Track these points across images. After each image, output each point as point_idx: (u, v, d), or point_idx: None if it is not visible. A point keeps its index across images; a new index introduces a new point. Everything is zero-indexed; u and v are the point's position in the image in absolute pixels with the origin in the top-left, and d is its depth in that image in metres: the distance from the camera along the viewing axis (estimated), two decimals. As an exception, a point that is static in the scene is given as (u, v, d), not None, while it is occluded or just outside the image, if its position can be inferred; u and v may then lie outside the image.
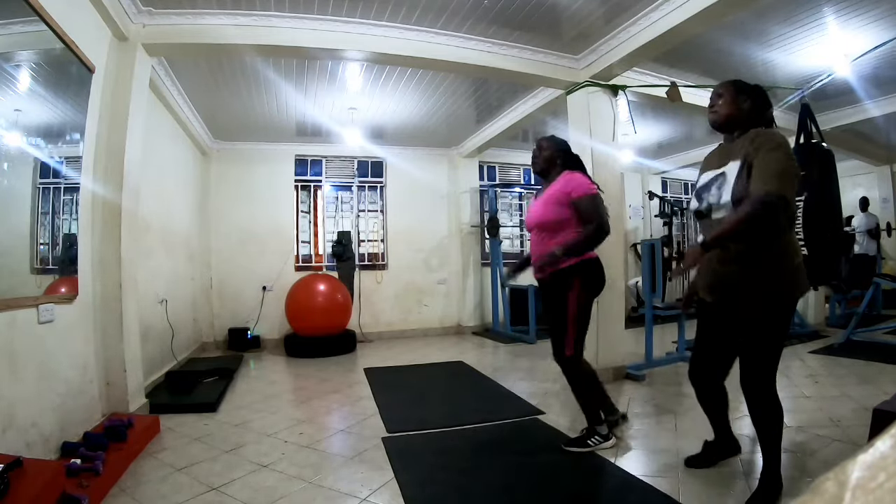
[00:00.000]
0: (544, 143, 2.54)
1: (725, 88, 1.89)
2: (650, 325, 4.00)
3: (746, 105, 1.85)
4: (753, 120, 1.85)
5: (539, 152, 2.53)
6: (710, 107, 1.92)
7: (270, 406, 3.23)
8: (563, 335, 2.32)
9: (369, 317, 6.13)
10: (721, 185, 1.78)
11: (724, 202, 1.75)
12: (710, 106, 1.93)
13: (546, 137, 2.60)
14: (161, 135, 4.07)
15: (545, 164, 2.51)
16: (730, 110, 1.86)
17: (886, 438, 0.27)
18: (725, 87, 1.90)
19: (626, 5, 3.01)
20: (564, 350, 2.32)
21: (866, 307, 4.81)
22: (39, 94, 2.20)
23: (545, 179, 2.53)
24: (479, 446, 2.48)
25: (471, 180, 6.65)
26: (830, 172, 3.39)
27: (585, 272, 2.30)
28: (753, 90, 1.88)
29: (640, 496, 1.92)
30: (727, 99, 1.87)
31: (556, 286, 2.33)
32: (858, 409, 2.71)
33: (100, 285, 2.68)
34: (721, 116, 1.88)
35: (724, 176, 1.78)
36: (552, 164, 2.50)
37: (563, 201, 2.31)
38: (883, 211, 7.02)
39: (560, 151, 2.50)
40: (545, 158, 2.50)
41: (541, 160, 2.52)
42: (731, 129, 1.89)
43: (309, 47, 3.18)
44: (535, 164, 2.58)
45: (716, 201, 1.79)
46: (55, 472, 1.67)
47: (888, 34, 3.27)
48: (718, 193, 1.78)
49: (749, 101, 1.86)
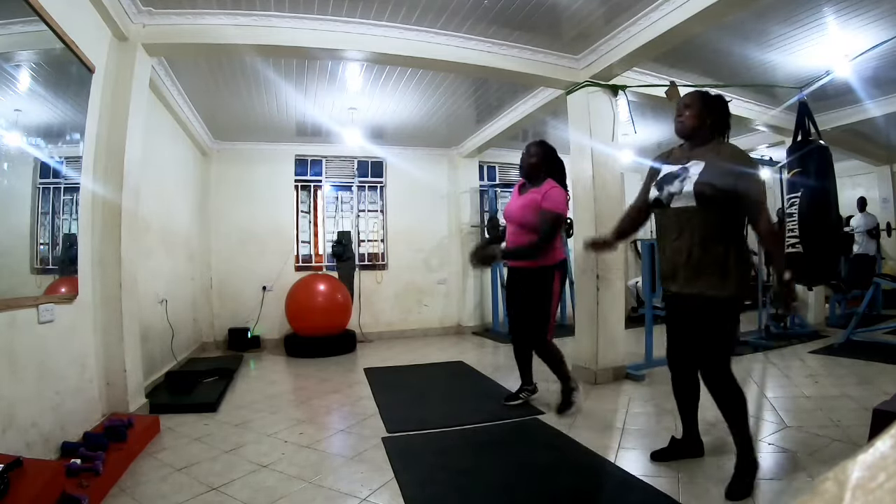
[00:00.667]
0: (533, 149, 2.86)
1: (693, 100, 2.05)
2: (650, 325, 4.00)
3: (711, 119, 2.02)
4: (715, 132, 2.04)
5: (527, 158, 2.85)
6: (678, 116, 2.08)
7: (270, 406, 3.23)
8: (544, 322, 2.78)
9: (369, 317, 6.13)
10: (683, 178, 1.96)
11: (686, 192, 1.92)
12: (677, 115, 2.08)
13: (536, 143, 2.89)
14: (161, 135, 4.07)
15: (531, 171, 2.84)
16: (695, 123, 2.02)
17: (886, 438, 0.27)
18: (694, 99, 2.06)
19: (626, 5, 3.00)
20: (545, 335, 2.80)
21: (866, 307, 4.81)
22: (39, 94, 2.20)
23: (530, 182, 2.87)
24: (479, 446, 2.48)
25: (471, 180, 6.65)
26: (827, 169, 3.39)
27: (562, 269, 2.82)
28: (718, 105, 2.05)
29: (640, 496, 1.92)
30: (694, 112, 2.02)
31: (536, 279, 2.76)
32: (858, 409, 2.71)
33: (100, 285, 2.68)
34: (687, 128, 2.05)
35: (687, 171, 1.96)
36: (538, 171, 2.82)
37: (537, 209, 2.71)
38: (883, 211, 7.02)
39: (546, 159, 2.83)
40: (532, 165, 2.84)
41: (527, 167, 2.85)
42: (693, 139, 2.06)
43: (309, 47, 3.18)
44: (521, 169, 2.91)
45: (677, 192, 1.96)
46: (55, 472, 1.67)
47: (888, 34, 3.27)
48: (680, 186, 1.96)
49: (713, 116, 2.02)
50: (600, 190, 3.68)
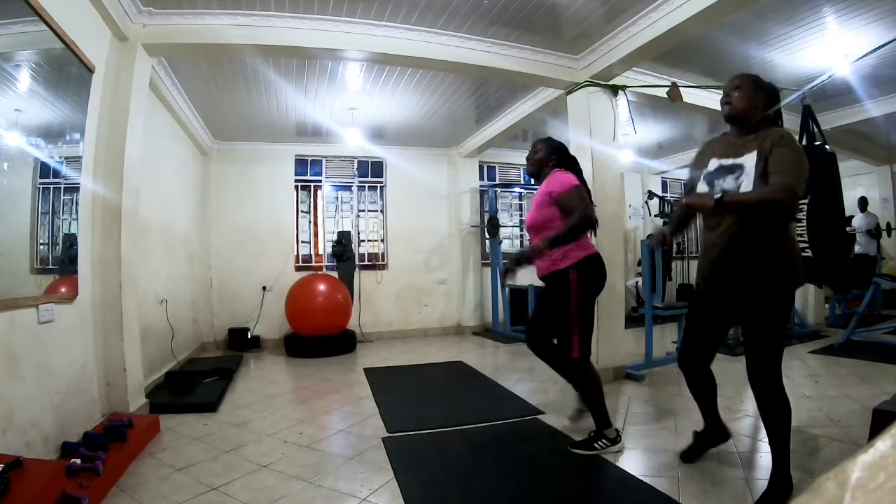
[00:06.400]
0: (539, 145, 2.56)
1: (744, 81, 1.87)
2: (650, 325, 4.00)
3: (761, 103, 1.85)
4: (764, 118, 1.85)
5: (532, 155, 2.56)
6: (726, 97, 1.89)
7: (270, 406, 3.23)
8: (567, 337, 2.27)
9: (369, 317, 6.13)
10: (739, 175, 1.78)
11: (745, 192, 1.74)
12: (724, 96, 1.90)
13: (542, 139, 2.62)
14: (161, 135, 4.07)
15: (537, 167, 2.54)
16: (746, 104, 1.84)
17: (886, 438, 0.27)
18: (744, 80, 1.88)
19: (626, 5, 3.00)
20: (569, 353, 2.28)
21: (866, 307, 4.81)
22: (39, 94, 2.20)
23: (538, 181, 2.56)
24: (479, 446, 2.48)
25: (471, 180, 6.65)
26: (833, 175, 3.40)
27: (583, 270, 2.26)
28: (769, 89, 1.89)
29: (640, 496, 1.92)
30: (745, 93, 1.84)
31: (555, 285, 2.32)
32: (858, 409, 2.71)
33: (100, 285, 2.68)
34: (736, 110, 1.86)
35: (743, 168, 1.78)
36: (544, 166, 2.51)
37: (547, 201, 2.34)
38: (883, 211, 7.02)
39: (553, 153, 2.51)
40: (537, 161, 2.53)
41: (532, 162, 2.56)
42: (741, 124, 1.87)
43: (309, 47, 3.18)
44: (528, 167, 2.61)
45: (732, 189, 1.78)
46: (55, 472, 1.67)
47: (888, 34, 3.27)
48: (736, 184, 1.77)
49: (764, 100, 1.86)
50: (600, 190, 3.67)
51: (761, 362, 1.80)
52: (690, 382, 2.13)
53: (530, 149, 2.60)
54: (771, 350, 1.80)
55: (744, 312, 1.84)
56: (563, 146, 2.57)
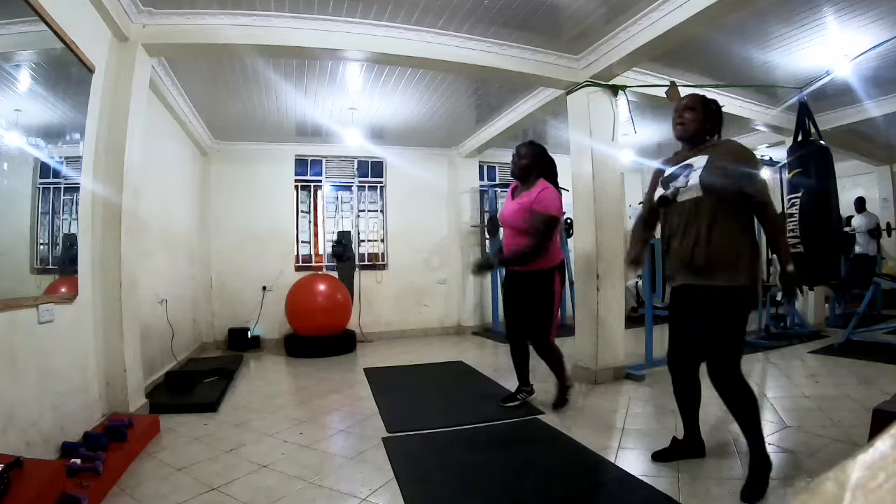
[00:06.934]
0: (523, 150, 2.84)
1: (696, 104, 2.04)
2: (650, 325, 4.00)
3: (710, 124, 2.04)
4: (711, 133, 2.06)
5: (518, 160, 2.84)
6: (678, 118, 2.06)
7: (270, 406, 3.23)
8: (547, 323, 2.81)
9: (369, 317, 6.13)
10: (688, 174, 1.96)
11: (692, 185, 1.93)
12: (677, 117, 2.06)
13: (525, 144, 2.89)
14: (161, 135, 4.07)
15: (523, 172, 2.83)
16: (698, 127, 2.03)
17: (886, 438, 0.27)
18: (696, 102, 2.05)
19: (626, 5, 3.00)
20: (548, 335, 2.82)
21: (866, 307, 4.81)
22: (39, 94, 2.20)
23: (522, 184, 2.86)
24: (479, 446, 2.48)
25: (471, 180, 6.65)
26: (827, 170, 3.40)
27: (561, 271, 2.84)
28: (716, 109, 2.07)
29: (640, 496, 1.92)
30: (698, 116, 2.02)
31: (537, 283, 2.78)
32: (858, 409, 2.71)
33: (100, 285, 2.68)
34: (689, 132, 2.04)
35: (691, 166, 1.97)
36: (529, 172, 2.81)
37: (527, 209, 2.71)
38: (883, 211, 7.02)
39: (537, 160, 2.81)
40: (524, 167, 2.82)
41: (518, 168, 2.84)
42: (692, 141, 2.07)
43: (309, 47, 3.18)
44: (513, 171, 2.89)
45: (683, 185, 1.96)
46: (55, 472, 1.67)
47: (888, 34, 3.27)
48: (686, 179, 1.96)
49: (712, 121, 2.04)
50: (600, 190, 3.68)
51: (718, 361, 1.92)
52: (676, 387, 2.19)
53: (515, 153, 2.86)
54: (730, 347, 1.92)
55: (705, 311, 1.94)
56: (545, 151, 2.86)
